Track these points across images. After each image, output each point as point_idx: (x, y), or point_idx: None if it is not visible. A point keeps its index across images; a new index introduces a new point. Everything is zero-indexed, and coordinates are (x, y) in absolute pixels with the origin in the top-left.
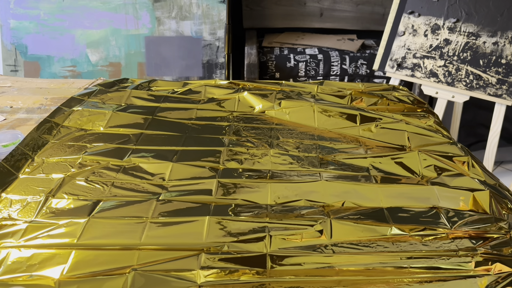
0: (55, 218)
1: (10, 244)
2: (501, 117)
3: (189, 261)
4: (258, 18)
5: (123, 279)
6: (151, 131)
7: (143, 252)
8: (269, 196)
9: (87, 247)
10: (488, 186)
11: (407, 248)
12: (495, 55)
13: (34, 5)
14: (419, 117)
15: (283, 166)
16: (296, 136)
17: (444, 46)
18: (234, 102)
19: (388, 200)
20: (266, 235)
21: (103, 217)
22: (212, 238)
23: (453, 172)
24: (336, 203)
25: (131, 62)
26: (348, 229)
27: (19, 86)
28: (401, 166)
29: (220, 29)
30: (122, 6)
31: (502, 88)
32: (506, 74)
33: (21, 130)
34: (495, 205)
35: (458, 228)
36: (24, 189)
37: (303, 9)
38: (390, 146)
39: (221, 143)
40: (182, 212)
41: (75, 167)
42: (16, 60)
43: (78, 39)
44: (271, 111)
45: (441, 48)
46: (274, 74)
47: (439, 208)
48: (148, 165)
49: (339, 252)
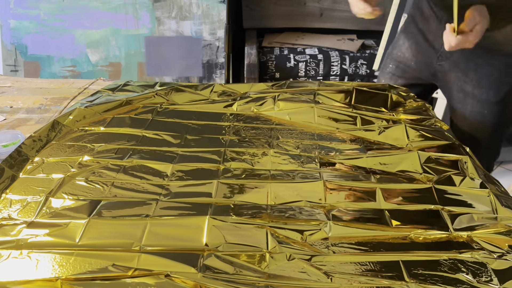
0: (55, 219)
1: (10, 244)
2: None
3: (190, 261)
4: (258, 18)
5: (123, 280)
6: (151, 131)
7: (143, 253)
8: (269, 196)
9: (87, 248)
10: (488, 186)
11: (407, 249)
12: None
13: (34, 5)
14: (419, 116)
15: (283, 166)
16: (296, 136)
17: None
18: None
19: (388, 200)
20: (266, 236)
21: (103, 217)
22: (212, 239)
23: (453, 172)
24: (336, 203)
25: (131, 62)
26: (348, 230)
27: (19, 86)
28: (401, 166)
29: (220, 29)
30: (122, 6)
31: None
32: None
33: (21, 130)
34: (494, 205)
35: (458, 228)
36: (24, 189)
37: (303, 9)
38: (390, 146)
39: (221, 143)
40: (182, 213)
41: (75, 167)
42: (16, 60)
43: (78, 39)
44: (271, 112)
45: None
46: (274, 74)
47: (439, 208)
48: (148, 165)
49: (339, 252)
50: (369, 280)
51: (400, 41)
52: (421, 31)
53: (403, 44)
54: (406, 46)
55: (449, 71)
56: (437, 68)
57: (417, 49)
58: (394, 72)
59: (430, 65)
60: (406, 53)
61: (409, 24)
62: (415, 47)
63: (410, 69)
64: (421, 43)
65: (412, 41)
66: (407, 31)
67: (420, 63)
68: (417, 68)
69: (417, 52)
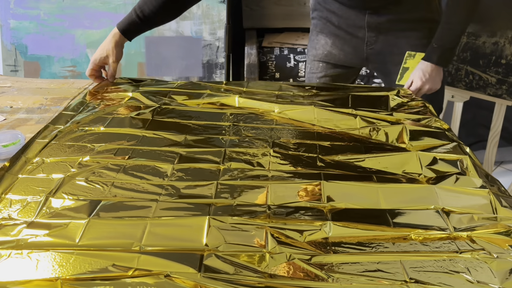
0: (55, 219)
1: (10, 244)
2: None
3: (189, 261)
4: (258, 18)
5: (123, 280)
6: (151, 131)
7: (143, 253)
8: (269, 196)
9: (87, 248)
10: (488, 186)
11: (407, 249)
12: (495, 55)
13: (34, 5)
14: (419, 116)
15: (283, 166)
16: (296, 136)
17: None
18: (234, 102)
19: (388, 200)
20: (266, 236)
21: (104, 218)
22: (212, 239)
23: (453, 172)
24: (336, 203)
25: (131, 62)
26: (348, 230)
27: (19, 86)
28: (401, 166)
29: (220, 29)
30: (122, 6)
31: (502, 88)
32: (506, 74)
33: (21, 130)
34: (494, 205)
35: (458, 228)
36: (24, 189)
37: (303, 9)
38: (390, 147)
39: (221, 143)
40: (182, 213)
41: (75, 167)
42: (16, 60)
43: (78, 39)
44: (271, 112)
45: None
46: (274, 74)
47: (439, 208)
48: (148, 165)
49: (339, 252)
50: (369, 280)
51: (322, 41)
52: (340, 27)
53: (326, 43)
54: (329, 44)
55: (381, 51)
56: (368, 52)
57: (342, 42)
58: (326, 71)
59: (361, 52)
60: (332, 50)
61: (326, 24)
62: (339, 41)
63: (340, 61)
64: (344, 36)
65: (335, 38)
66: (325, 31)
67: (349, 53)
68: (347, 59)
69: (342, 45)
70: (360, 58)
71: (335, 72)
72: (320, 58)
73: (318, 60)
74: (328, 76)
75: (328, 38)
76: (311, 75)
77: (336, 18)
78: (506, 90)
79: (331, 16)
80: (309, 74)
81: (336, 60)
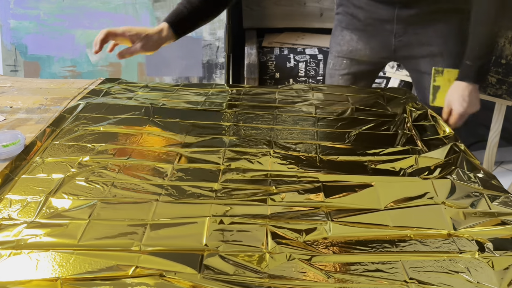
0: (55, 219)
1: (10, 244)
2: (501, 117)
3: (189, 261)
4: (258, 18)
5: (123, 280)
6: (152, 131)
7: (143, 254)
8: (269, 196)
9: (87, 248)
10: (488, 185)
11: (407, 249)
12: (495, 55)
13: (34, 5)
14: (419, 116)
15: (283, 166)
16: (296, 136)
17: None
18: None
19: (388, 200)
20: (266, 236)
21: (104, 218)
22: (212, 239)
23: (453, 172)
24: (336, 203)
25: (131, 62)
26: (348, 230)
27: (19, 86)
28: (401, 166)
29: (220, 29)
30: (122, 6)
31: (502, 88)
32: (506, 74)
33: (21, 130)
34: (494, 205)
35: (458, 228)
36: (24, 189)
37: (303, 9)
38: (390, 147)
39: (221, 143)
40: (182, 213)
41: (75, 167)
42: (16, 60)
43: (78, 39)
44: (271, 113)
45: None
46: (274, 74)
47: (439, 208)
48: (148, 165)
49: (339, 252)
50: (369, 280)
51: (347, 37)
52: (367, 22)
53: (352, 39)
54: (355, 39)
55: (409, 42)
56: (397, 44)
57: (368, 36)
58: (349, 68)
59: (389, 44)
60: (358, 46)
61: (352, 20)
62: (365, 37)
63: (366, 56)
64: (371, 30)
65: (361, 33)
66: (351, 27)
67: (376, 47)
68: (373, 53)
69: (369, 39)
70: (388, 51)
71: (358, 69)
72: (344, 54)
73: (343, 56)
74: (351, 74)
75: (354, 34)
76: (333, 72)
77: (363, 13)
78: (506, 90)
79: (357, 12)
80: (331, 71)
81: (361, 55)
